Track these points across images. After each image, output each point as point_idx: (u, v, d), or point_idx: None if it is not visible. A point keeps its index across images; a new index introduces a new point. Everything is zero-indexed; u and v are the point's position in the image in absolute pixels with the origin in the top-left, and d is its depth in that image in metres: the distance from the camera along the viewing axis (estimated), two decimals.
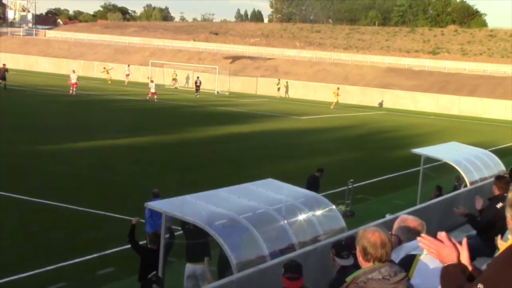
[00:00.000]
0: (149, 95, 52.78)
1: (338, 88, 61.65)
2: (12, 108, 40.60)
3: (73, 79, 52.93)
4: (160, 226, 11.37)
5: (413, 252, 4.92)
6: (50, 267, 13.46)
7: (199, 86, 62.95)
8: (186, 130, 36.54)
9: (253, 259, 9.50)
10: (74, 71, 55.11)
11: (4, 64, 55.82)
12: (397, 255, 4.87)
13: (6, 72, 53.37)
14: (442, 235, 3.90)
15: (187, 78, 74.65)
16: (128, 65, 74.26)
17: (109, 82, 69.64)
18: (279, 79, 70.54)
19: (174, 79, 72.66)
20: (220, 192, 11.19)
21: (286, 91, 70.66)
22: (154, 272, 10.14)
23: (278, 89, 69.50)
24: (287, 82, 71.14)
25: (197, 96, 60.99)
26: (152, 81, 55.27)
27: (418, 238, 4.02)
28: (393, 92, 67.32)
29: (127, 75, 71.31)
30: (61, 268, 13.52)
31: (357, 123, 47.93)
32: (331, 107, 58.81)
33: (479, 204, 10.55)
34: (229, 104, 54.80)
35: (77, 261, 13.97)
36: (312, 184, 18.38)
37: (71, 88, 52.70)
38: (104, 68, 74.98)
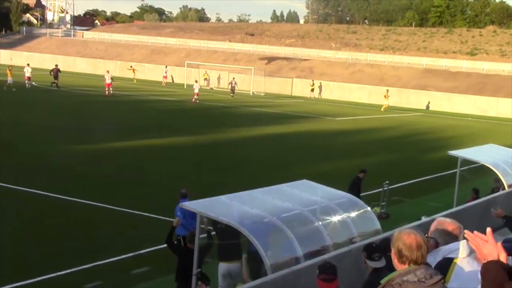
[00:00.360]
0: (195, 96, 52.89)
1: (387, 91, 61.06)
2: (50, 108, 41.19)
3: (107, 80, 53.52)
4: (192, 227, 11.38)
5: (450, 256, 4.84)
6: (86, 265, 13.58)
7: (234, 87, 63.01)
8: (221, 130, 36.62)
9: (287, 260, 9.45)
10: (108, 72, 55.81)
11: (56, 65, 57.20)
12: (434, 258, 4.80)
13: (59, 72, 54.43)
14: (488, 230, 3.87)
15: (219, 78, 74.89)
16: (166, 66, 74.86)
17: (134, 81, 70.73)
18: (313, 80, 70.40)
19: (205, 79, 72.98)
20: (254, 193, 11.15)
21: (320, 92, 70.45)
22: (199, 269, 10.20)
23: (312, 89, 69.34)
24: (320, 83, 70.92)
25: (232, 96, 61.14)
26: (196, 81, 55.59)
27: (465, 231, 3.98)
28: (430, 93, 66.63)
29: (165, 76, 71.96)
30: (96, 267, 13.62)
31: (393, 125, 47.55)
32: (382, 109, 58.24)
33: (497, 215, 10.40)
34: (265, 105, 54.82)
35: (111, 260, 14.07)
36: (355, 185, 18.39)
37: (106, 88, 53.30)
38: (131, 66, 75.99)
